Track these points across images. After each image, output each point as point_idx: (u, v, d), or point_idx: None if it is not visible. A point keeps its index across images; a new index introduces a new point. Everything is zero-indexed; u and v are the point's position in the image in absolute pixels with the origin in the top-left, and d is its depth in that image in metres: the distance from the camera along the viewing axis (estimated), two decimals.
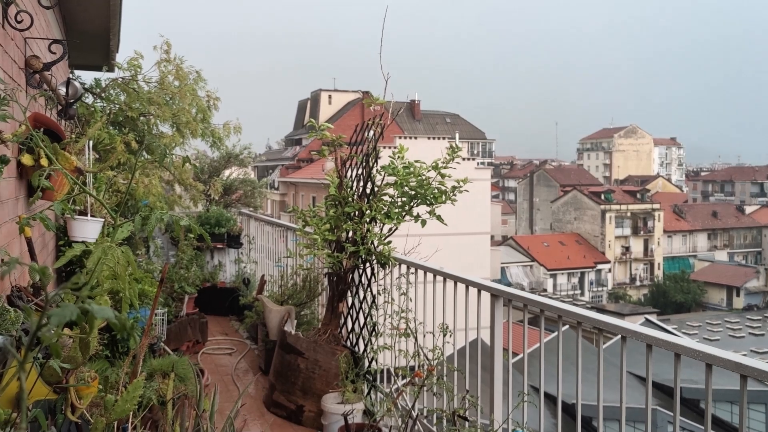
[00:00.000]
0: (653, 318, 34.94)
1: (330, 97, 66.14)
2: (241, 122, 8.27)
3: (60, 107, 4.74)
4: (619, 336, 2.75)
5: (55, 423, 3.17)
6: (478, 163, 37.12)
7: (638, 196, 67.51)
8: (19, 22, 2.89)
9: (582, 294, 60.05)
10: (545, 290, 56.75)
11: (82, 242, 3.40)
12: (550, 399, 4.63)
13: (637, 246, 65.11)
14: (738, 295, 59.04)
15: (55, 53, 3.53)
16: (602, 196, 65.28)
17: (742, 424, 2.19)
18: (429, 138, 35.36)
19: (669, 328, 29.26)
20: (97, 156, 5.37)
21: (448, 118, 74.97)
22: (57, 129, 3.14)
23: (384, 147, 5.30)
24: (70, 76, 5.70)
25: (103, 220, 3.64)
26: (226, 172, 13.40)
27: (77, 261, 4.05)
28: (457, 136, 48.12)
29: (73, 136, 3.99)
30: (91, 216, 3.84)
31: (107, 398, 2.24)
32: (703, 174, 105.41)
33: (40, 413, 1.52)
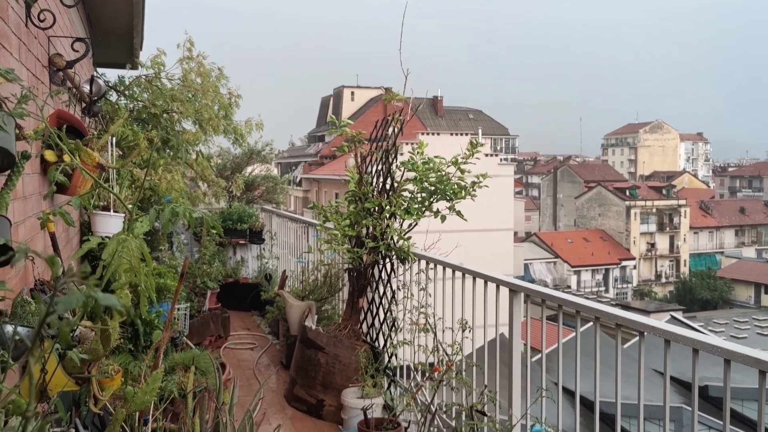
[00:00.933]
0: (679, 315, 34.53)
1: (353, 93, 66.24)
2: (263, 119, 8.35)
3: (84, 104, 4.81)
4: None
5: (79, 415, 3.24)
6: (501, 159, 36.93)
7: (664, 192, 66.69)
8: (42, 21, 2.95)
9: (606, 291, 59.54)
10: (569, 287, 56.35)
11: (101, 236, 3.46)
12: (572, 395, 4.61)
13: (662, 242, 64.37)
14: (767, 292, 58.07)
15: (78, 51, 3.58)
16: (627, 192, 64.61)
17: (761, 421, 2.17)
18: (451, 134, 35.26)
19: (695, 325, 28.92)
20: (121, 153, 5.45)
21: (470, 114, 74.73)
22: (79, 125, 3.20)
23: (406, 143, 5.30)
24: (94, 74, 5.78)
25: (122, 215, 3.70)
26: (249, 169, 13.52)
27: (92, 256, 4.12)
28: (479, 131, 47.91)
29: (95, 132, 4.05)
30: (114, 212, 3.90)
31: (128, 390, 2.29)
32: (730, 169, 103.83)
33: (59, 402, 1.55)
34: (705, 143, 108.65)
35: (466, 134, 33.85)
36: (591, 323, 3.10)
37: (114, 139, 4.40)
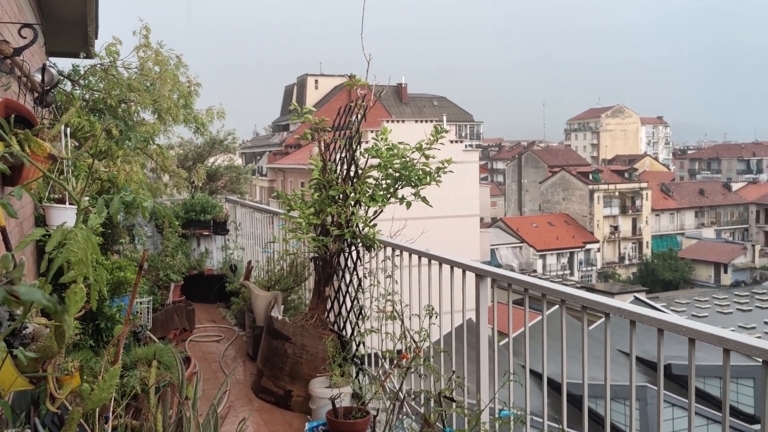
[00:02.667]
0: (642, 296, 35.18)
1: (316, 81, 65.75)
2: (226, 108, 8.19)
3: (36, 94, 4.65)
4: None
5: (38, 414, 3.13)
6: (466, 146, 37.05)
7: (626, 175, 67.77)
8: None
9: (572, 274, 60.39)
10: (535, 271, 57.00)
11: (44, 228, 3.35)
12: (539, 377, 4.64)
13: (625, 225, 65.48)
14: (725, 271, 59.55)
15: (26, 38, 3.45)
16: (590, 176, 65.49)
17: (725, 398, 2.19)
18: (416, 121, 35.28)
19: (658, 305, 29.49)
20: (77, 144, 5.29)
21: (435, 101, 74.81)
22: (29, 115, 3.08)
23: (371, 131, 5.25)
24: (47, 62, 5.60)
25: (74, 207, 3.58)
26: (211, 159, 13.32)
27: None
28: (444, 118, 48.00)
29: (45, 122, 3.91)
30: (70, 204, 3.78)
31: (84, 387, 2.21)
32: (689, 152, 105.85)
33: (5, 404, 1.48)
34: (665, 127, 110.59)
35: (431, 121, 33.87)
36: (557, 306, 3.10)
37: (68, 129, 4.25)
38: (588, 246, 62.83)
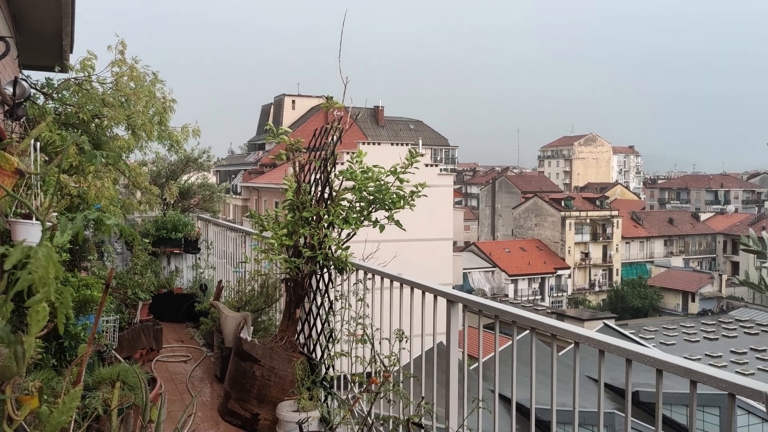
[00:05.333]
0: (611, 323, 35.40)
1: (293, 102, 65.81)
2: (202, 126, 8.12)
3: (6, 107, 4.58)
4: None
5: None
6: (441, 170, 37.23)
7: (597, 203, 68.67)
8: None
9: (542, 299, 60.74)
10: (506, 296, 57.26)
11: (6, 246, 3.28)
12: (509, 403, 4.63)
13: (596, 252, 66.21)
14: (693, 300, 60.37)
15: None
16: (562, 203, 66.23)
17: (692, 427, 2.20)
18: (392, 144, 35.37)
19: (627, 332, 29.73)
20: (47, 158, 5.20)
21: (411, 124, 75.30)
22: None
23: (346, 152, 5.25)
24: (19, 75, 5.53)
25: (38, 223, 3.51)
26: (185, 177, 13.19)
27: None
28: (420, 142, 48.26)
29: (15, 136, 3.85)
30: (35, 220, 3.70)
31: (42, 410, 2.14)
32: (660, 182, 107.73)
33: None
34: (636, 156, 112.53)
35: (407, 144, 34.03)
36: (527, 331, 3.11)
37: (39, 144, 4.19)
38: (559, 272, 63.36)
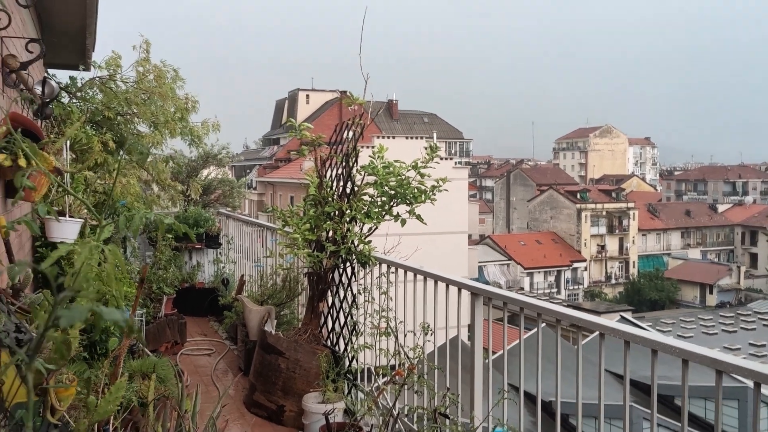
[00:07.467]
0: (628, 315, 35.35)
1: (308, 96, 65.94)
2: (219, 120, 8.21)
3: (36, 107, 4.68)
4: (597, 333, 2.80)
5: (33, 425, 3.14)
6: (455, 163, 37.26)
7: (613, 195, 68.27)
8: None
9: (558, 292, 60.58)
10: (522, 289, 57.14)
11: (61, 243, 3.37)
12: (530, 397, 4.68)
13: (612, 244, 65.87)
14: (711, 292, 59.94)
15: (32, 52, 3.49)
16: (578, 195, 65.90)
17: (718, 419, 2.24)
18: (407, 138, 35.42)
19: (644, 325, 29.60)
20: (74, 156, 5.31)
21: (425, 117, 75.14)
22: (35, 129, 3.11)
23: (362, 147, 5.31)
24: (46, 75, 5.63)
25: (81, 220, 3.61)
26: (204, 172, 13.32)
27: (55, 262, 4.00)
28: (434, 135, 48.27)
29: (52, 136, 3.95)
30: (69, 216, 3.80)
31: (90, 399, 2.23)
32: (676, 173, 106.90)
33: (25, 413, 1.50)
34: (652, 147, 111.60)
35: (422, 138, 34.07)
36: (544, 325, 3.16)
37: (68, 142, 4.29)
38: (575, 264, 63.11)
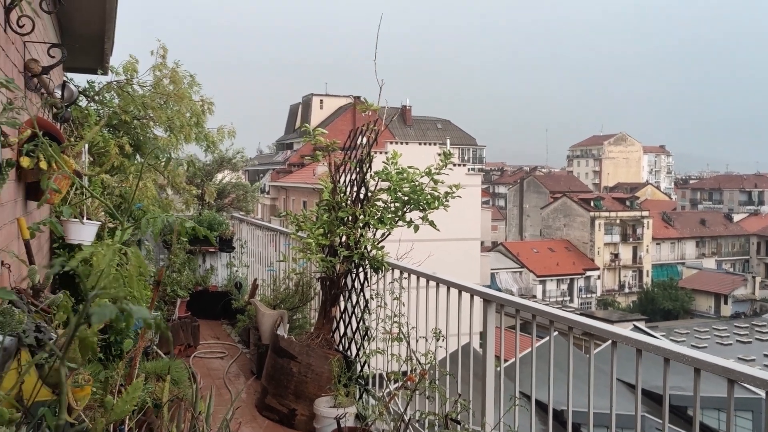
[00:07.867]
0: (642, 325, 35.09)
1: (321, 101, 66.14)
2: (235, 126, 8.29)
3: (55, 110, 4.76)
4: (610, 342, 2.80)
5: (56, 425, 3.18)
6: (468, 169, 37.23)
7: (627, 203, 67.89)
8: (21, 27, 2.92)
9: (571, 300, 60.26)
10: (534, 296, 56.89)
11: (79, 244, 3.43)
12: (541, 405, 4.68)
13: (626, 253, 65.46)
14: (726, 302, 59.41)
15: (54, 57, 3.55)
16: (592, 203, 65.60)
17: (730, 430, 2.24)
18: (420, 144, 35.46)
19: (657, 335, 29.38)
20: (91, 159, 5.39)
21: (439, 123, 75.19)
22: (56, 133, 3.17)
23: (376, 152, 5.34)
24: (66, 79, 5.72)
25: (99, 223, 3.66)
26: (218, 176, 13.43)
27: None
28: (448, 142, 48.18)
29: (72, 139, 4.01)
30: (87, 219, 3.86)
31: (107, 399, 2.27)
32: (691, 182, 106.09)
33: (47, 411, 1.54)
34: (667, 156, 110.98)
35: (435, 144, 34.08)
36: (556, 333, 3.16)
37: (86, 145, 4.35)
38: (588, 273, 62.78)
